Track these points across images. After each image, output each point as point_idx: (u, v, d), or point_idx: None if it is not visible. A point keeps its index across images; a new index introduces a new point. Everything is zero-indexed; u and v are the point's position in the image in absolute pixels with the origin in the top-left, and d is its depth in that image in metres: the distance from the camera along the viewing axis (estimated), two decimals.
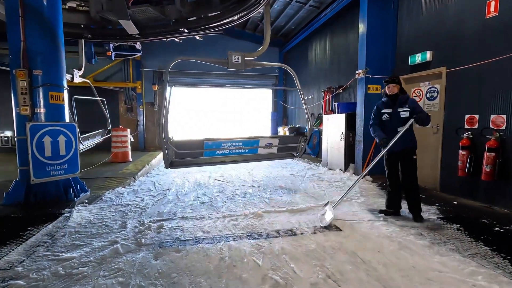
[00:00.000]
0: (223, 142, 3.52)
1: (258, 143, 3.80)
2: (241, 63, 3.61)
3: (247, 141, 3.70)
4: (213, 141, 3.46)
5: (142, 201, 4.59)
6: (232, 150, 3.59)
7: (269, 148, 3.91)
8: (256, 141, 3.76)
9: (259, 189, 5.41)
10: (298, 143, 4.16)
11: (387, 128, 3.75)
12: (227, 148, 3.56)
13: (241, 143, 3.65)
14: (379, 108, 3.84)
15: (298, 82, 4.26)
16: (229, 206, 4.27)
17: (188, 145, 3.57)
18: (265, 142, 3.83)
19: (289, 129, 11.35)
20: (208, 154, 3.55)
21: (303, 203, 4.44)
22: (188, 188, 5.64)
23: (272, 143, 3.92)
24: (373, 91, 6.10)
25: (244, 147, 3.67)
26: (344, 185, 5.53)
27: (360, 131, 6.19)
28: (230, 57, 3.61)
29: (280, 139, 4.00)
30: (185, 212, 3.98)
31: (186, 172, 7.84)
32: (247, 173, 7.44)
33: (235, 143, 3.59)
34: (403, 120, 3.62)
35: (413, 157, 3.70)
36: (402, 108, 3.63)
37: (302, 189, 5.38)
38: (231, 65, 3.56)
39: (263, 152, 3.91)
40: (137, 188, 5.70)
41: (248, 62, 3.69)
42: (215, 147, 3.49)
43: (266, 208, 4.15)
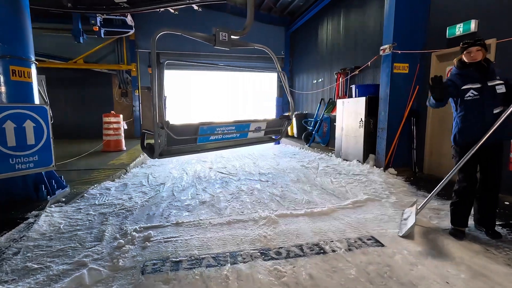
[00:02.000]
0: (217, 126, 3.28)
1: (249, 127, 3.60)
2: (228, 42, 3.23)
3: (239, 125, 3.51)
4: (208, 126, 3.18)
5: (130, 199, 3.84)
6: (225, 135, 3.40)
7: (257, 132, 3.75)
8: (247, 125, 3.56)
9: (268, 184, 4.65)
10: (281, 127, 4.04)
11: (474, 112, 2.60)
12: (220, 133, 3.34)
13: (233, 128, 3.43)
14: (455, 83, 2.66)
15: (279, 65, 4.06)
16: (235, 207, 3.52)
17: (184, 130, 3.06)
18: (255, 126, 3.66)
19: (296, 116, 10.51)
20: (202, 140, 3.26)
21: (323, 202, 3.68)
22: (186, 183, 4.88)
23: (260, 127, 3.74)
24: (400, 70, 5.24)
25: (236, 132, 3.47)
26: (366, 179, 4.76)
27: (384, 117, 5.37)
28: (218, 34, 3.14)
29: (267, 122, 3.85)
30: (180, 216, 3.23)
31: (185, 163, 7.10)
32: (252, 164, 6.68)
33: (228, 127, 3.38)
34: (501, 98, 2.57)
35: (501, 152, 2.68)
36: (494, 81, 2.55)
37: (318, 184, 4.62)
38: (219, 43, 3.14)
39: (252, 136, 3.79)
40: (127, 182, 4.96)
41: (234, 41, 3.31)
42: (210, 132, 3.23)
43: (280, 210, 3.40)
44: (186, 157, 7.95)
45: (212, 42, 3.14)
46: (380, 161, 5.51)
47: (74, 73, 10.78)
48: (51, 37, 9.90)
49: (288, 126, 4.06)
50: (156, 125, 2.78)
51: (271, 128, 3.92)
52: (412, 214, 2.78)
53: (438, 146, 5.09)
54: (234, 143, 3.71)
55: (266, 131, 3.86)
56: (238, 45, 3.41)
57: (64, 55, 10.15)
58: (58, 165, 5.70)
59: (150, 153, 3.10)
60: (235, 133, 3.46)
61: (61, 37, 9.83)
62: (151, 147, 3.07)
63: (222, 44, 3.21)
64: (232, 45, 3.31)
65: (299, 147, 9.60)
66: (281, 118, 4.03)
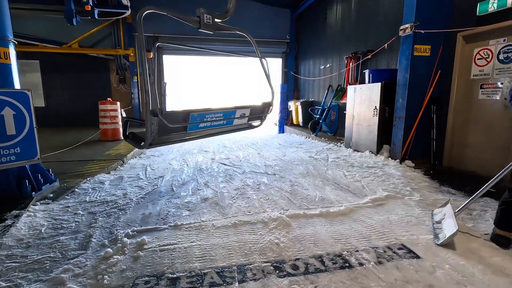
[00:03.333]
0: (207, 113, 3.21)
1: (235, 113, 3.58)
2: (212, 25, 3.06)
3: (227, 112, 3.45)
4: (198, 113, 3.07)
5: (124, 195, 3.48)
6: (213, 123, 3.35)
7: (242, 119, 3.74)
8: (233, 111, 3.54)
9: (276, 178, 4.27)
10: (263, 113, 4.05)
11: None
12: (209, 121, 3.28)
13: (221, 114, 3.39)
14: None
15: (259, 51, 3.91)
16: (240, 206, 3.15)
17: (176, 118, 2.90)
18: (240, 112, 3.63)
19: (302, 104, 10.05)
20: (192, 128, 3.19)
21: (338, 200, 3.30)
22: (187, 176, 4.51)
23: (245, 113, 3.73)
24: (421, 52, 4.75)
25: (223, 119, 3.43)
26: (383, 173, 4.37)
27: (402, 105, 4.92)
28: (202, 16, 2.94)
29: (251, 109, 3.81)
30: (180, 216, 2.86)
31: (186, 153, 6.73)
32: (256, 155, 6.30)
33: (216, 114, 3.32)
34: None
35: None
36: None
37: (331, 178, 4.23)
38: (203, 25, 2.97)
39: (237, 123, 3.78)
40: (123, 174, 4.60)
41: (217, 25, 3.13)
42: (199, 120, 3.16)
43: (291, 209, 3.03)
44: (187, 147, 7.59)
45: (196, 25, 2.95)
46: (396, 153, 5.10)
47: (69, 59, 10.30)
48: (43, 19, 9.36)
49: (269, 112, 4.09)
50: (149, 112, 2.56)
51: (254, 115, 3.90)
52: (448, 217, 2.40)
53: (460, 137, 4.66)
54: (220, 130, 3.68)
55: (249, 118, 3.83)
56: (221, 29, 3.25)
57: (58, 39, 9.64)
58: (49, 156, 5.37)
59: (137, 143, 3.04)
60: (222, 120, 3.40)
61: (53, 20, 9.28)
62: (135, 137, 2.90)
63: (207, 27, 3.04)
64: (216, 29, 3.15)
65: (305, 136, 9.18)
66: (263, 104, 3.96)
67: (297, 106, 10.37)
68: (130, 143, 3.00)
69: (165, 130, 2.86)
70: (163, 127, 2.73)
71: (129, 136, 3.00)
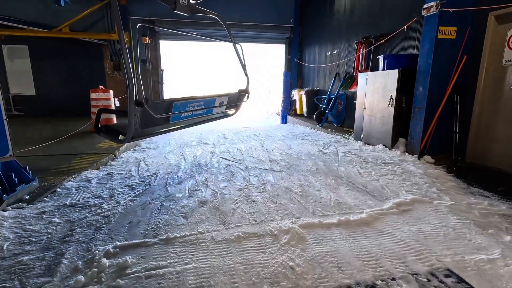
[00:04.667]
0: (189, 102, 3.08)
1: (215, 102, 3.50)
2: (187, 6, 2.95)
3: (207, 101, 3.36)
4: (181, 102, 2.95)
5: (111, 197, 3.04)
6: (194, 112, 3.23)
7: (220, 107, 3.68)
8: (213, 100, 3.46)
9: (283, 176, 3.82)
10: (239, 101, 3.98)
11: None
12: (191, 110, 3.16)
13: (202, 103, 3.30)
14: None
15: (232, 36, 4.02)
16: (244, 211, 2.71)
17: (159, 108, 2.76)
18: (219, 101, 3.56)
19: (306, 92, 9.52)
20: (175, 118, 3.05)
21: (357, 204, 2.86)
22: (184, 172, 4.07)
23: (223, 102, 3.65)
24: (446, 35, 4.23)
25: (204, 108, 3.34)
26: (402, 170, 3.92)
27: (423, 94, 4.42)
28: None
29: (229, 97, 3.71)
30: (173, 225, 2.43)
31: (184, 145, 6.27)
32: (259, 148, 5.84)
33: (198, 103, 3.23)
34: None
35: None
36: None
37: (344, 176, 3.78)
38: (179, 7, 2.83)
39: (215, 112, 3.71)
40: (114, 170, 4.15)
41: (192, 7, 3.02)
42: (182, 109, 3.02)
43: (304, 216, 2.59)
44: (186, 139, 7.12)
45: (172, 6, 2.81)
46: (414, 147, 4.64)
47: (60, 44, 9.70)
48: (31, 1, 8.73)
49: (245, 101, 4.01)
50: (133, 102, 2.25)
51: (231, 103, 3.79)
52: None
53: (487, 129, 4.19)
54: (200, 120, 3.56)
55: (227, 106, 3.74)
56: (196, 11, 3.14)
57: (47, 22, 9.02)
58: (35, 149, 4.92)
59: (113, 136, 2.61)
60: (203, 109, 3.31)
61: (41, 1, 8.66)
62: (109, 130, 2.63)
63: (182, 9, 2.90)
64: (191, 11, 3.02)
65: (309, 127, 8.70)
66: (239, 92, 3.88)
67: (301, 95, 9.83)
68: (105, 138, 2.64)
69: (148, 122, 2.65)
70: (146, 118, 2.50)
71: (102, 130, 2.64)
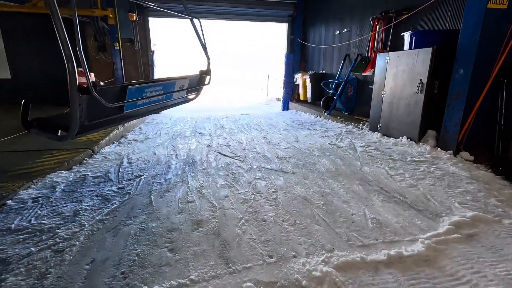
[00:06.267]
0: (146, 87, 2.75)
1: (175, 86, 3.22)
2: None
3: (166, 84, 3.06)
4: (136, 87, 2.59)
5: (75, 216, 2.29)
6: (152, 98, 2.89)
7: (181, 92, 3.42)
8: (173, 83, 3.16)
9: (297, 180, 3.09)
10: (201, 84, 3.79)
11: None
12: (148, 96, 2.81)
13: (161, 88, 2.98)
14: None
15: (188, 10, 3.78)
16: (254, 239, 1.98)
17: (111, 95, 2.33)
18: (180, 84, 3.28)
19: (311, 76, 8.68)
20: (130, 107, 2.65)
21: (403, 225, 2.15)
22: (174, 174, 3.32)
23: (184, 85, 3.41)
24: (497, 4, 3.42)
25: (163, 93, 3.04)
26: (441, 172, 3.21)
27: (463, 77, 3.65)
28: None
29: (189, 80, 3.46)
30: (154, 266, 1.70)
31: (177, 136, 5.51)
32: (262, 140, 5.09)
33: (156, 87, 2.90)
34: None
35: None
36: None
37: (373, 180, 3.06)
38: None
39: (175, 97, 3.41)
40: (89, 171, 3.40)
41: None
42: (138, 96, 2.66)
43: (338, 246, 1.88)
44: (179, 128, 6.34)
45: None
46: (448, 141, 3.91)
47: (36, 21, 8.64)
48: None
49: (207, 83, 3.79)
50: (75, 88, 1.94)
51: (192, 86, 3.58)
52: None
53: None
54: (158, 107, 3.25)
55: (188, 90, 3.53)
56: None
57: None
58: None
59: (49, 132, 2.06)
60: (162, 95, 3.03)
61: None
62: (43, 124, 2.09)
63: None
64: None
65: (315, 114, 7.95)
66: (200, 73, 3.64)
67: (305, 79, 8.99)
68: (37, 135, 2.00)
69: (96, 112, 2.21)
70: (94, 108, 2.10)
71: (33, 124, 2.02)
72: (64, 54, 1.75)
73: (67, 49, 1.74)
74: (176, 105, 3.74)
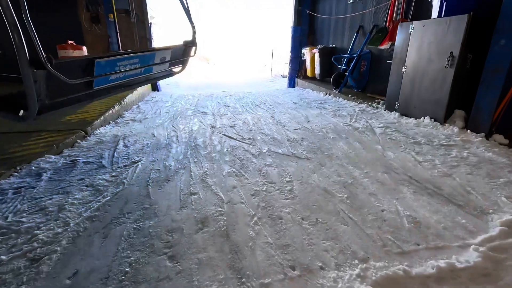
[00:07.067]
0: (118, 60, 2.37)
1: (154, 58, 2.85)
2: None
3: (144, 57, 2.69)
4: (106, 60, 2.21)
5: (59, 212, 1.96)
6: (127, 73, 2.55)
7: (163, 64, 3.07)
8: (152, 55, 2.80)
9: (313, 167, 2.73)
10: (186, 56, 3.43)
11: None
12: (123, 70, 2.46)
13: (137, 60, 2.61)
14: None
15: None
16: (271, 243, 1.65)
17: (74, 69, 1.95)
18: (160, 56, 2.93)
19: (320, 51, 8.08)
20: (100, 82, 2.29)
21: (446, 225, 1.80)
22: (175, 159, 2.97)
23: (166, 57, 3.05)
24: None
25: (140, 67, 2.68)
26: (476, 158, 2.83)
27: (505, 50, 3.17)
28: None
29: (172, 51, 3.09)
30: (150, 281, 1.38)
31: (178, 116, 5.14)
32: (270, 120, 4.70)
33: (131, 60, 2.53)
34: None
35: None
36: None
37: (399, 168, 2.68)
38: None
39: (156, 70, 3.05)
40: (79, 156, 3.06)
41: None
42: (110, 70, 2.32)
43: (372, 253, 1.55)
44: (180, 107, 5.93)
45: None
46: (480, 123, 3.50)
47: None
48: None
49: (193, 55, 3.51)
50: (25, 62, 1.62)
51: (176, 58, 3.28)
52: None
53: None
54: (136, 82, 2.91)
55: (171, 62, 3.24)
56: None
57: None
58: None
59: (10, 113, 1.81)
60: (139, 69, 2.72)
61: None
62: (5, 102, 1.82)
63: None
64: None
65: (324, 92, 7.46)
66: (185, 44, 3.34)
67: (313, 54, 8.40)
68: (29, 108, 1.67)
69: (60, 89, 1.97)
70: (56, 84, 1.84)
71: None
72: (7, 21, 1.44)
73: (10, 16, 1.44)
74: (159, 79, 3.45)
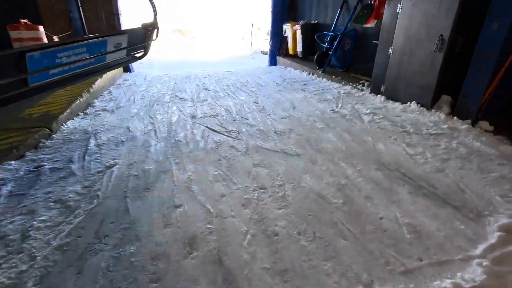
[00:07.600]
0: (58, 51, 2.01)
1: (106, 45, 2.48)
2: None
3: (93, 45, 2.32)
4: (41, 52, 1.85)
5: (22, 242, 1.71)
6: (72, 65, 2.21)
7: (119, 52, 2.70)
8: (103, 42, 2.44)
9: (305, 166, 2.58)
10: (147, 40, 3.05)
11: None
12: (66, 63, 2.12)
13: (85, 49, 2.26)
14: None
15: None
16: (267, 268, 1.50)
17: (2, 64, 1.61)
18: (114, 43, 2.57)
19: (302, 27, 7.73)
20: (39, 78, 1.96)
21: (446, 233, 1.74)
22: (154, 159, 2.71)
23: (121, 44, 2.68)
24: None
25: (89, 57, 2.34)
26: (465, 149, 2.80)
27: (498, 33, 3.05)
28: None
29: (129, 36, 2.71)
30: None
31: (154, 102, 4.87)
32: (253, 105, 4.49)
33: (76, 49, 2.18)
34: None
35: None
36: None
37: (391, 163, 2.60)
38: None
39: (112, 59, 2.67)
40: (44, 161, 2.73)
41: None
42: (48, 64, 1.96)
43: (375, 275, 1.46)
44: (155, 92, 5.54)
45: None
46: (467, 109, 3.47)
47: None
48: None
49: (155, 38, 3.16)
50: None
51: (135, 44, 2.93)
52: None
53: None
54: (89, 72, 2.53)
55: (129, 49, 2.87)
56: None
57: None
58: None
59: None
60: (88, 60, 2.37)
61: None
62: None
63: None
64: None
65: (306, 72, 7.24)
66: (144, 27, 2.97)
67: (295, 30, 8.03)
68: None
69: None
70: None
71: None
72: None
73: None
74: (116, 67, 3.03)
